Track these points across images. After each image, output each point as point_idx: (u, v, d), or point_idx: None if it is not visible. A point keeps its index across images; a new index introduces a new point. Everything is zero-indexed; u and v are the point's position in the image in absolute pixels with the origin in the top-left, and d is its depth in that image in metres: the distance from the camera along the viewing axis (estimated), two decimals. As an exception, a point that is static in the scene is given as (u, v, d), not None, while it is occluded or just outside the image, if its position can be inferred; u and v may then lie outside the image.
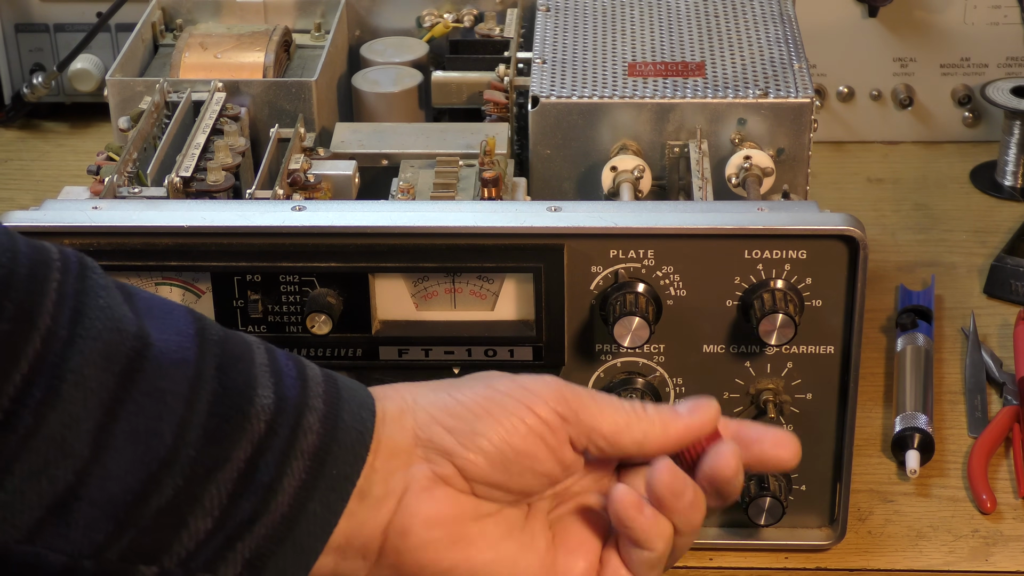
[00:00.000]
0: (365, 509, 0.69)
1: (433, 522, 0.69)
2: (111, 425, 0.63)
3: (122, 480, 0.63)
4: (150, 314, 0.66)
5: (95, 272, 0.65)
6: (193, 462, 0.64)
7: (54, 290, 0.63)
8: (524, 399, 0.70)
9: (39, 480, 0.61)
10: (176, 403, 0.64)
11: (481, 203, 0.90)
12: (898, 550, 0.91)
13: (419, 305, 0.85)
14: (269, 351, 0.68)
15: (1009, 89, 1.26)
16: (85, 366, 0.62)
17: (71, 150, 1.33)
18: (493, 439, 0.70)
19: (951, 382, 1.05)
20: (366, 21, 1.17)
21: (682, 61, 1.01)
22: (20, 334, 0.61)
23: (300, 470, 0.66)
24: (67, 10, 1.32)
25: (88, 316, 0.63)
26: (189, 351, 0.65)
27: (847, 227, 0.82)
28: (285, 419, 0.66)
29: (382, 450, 0.69)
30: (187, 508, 0.64)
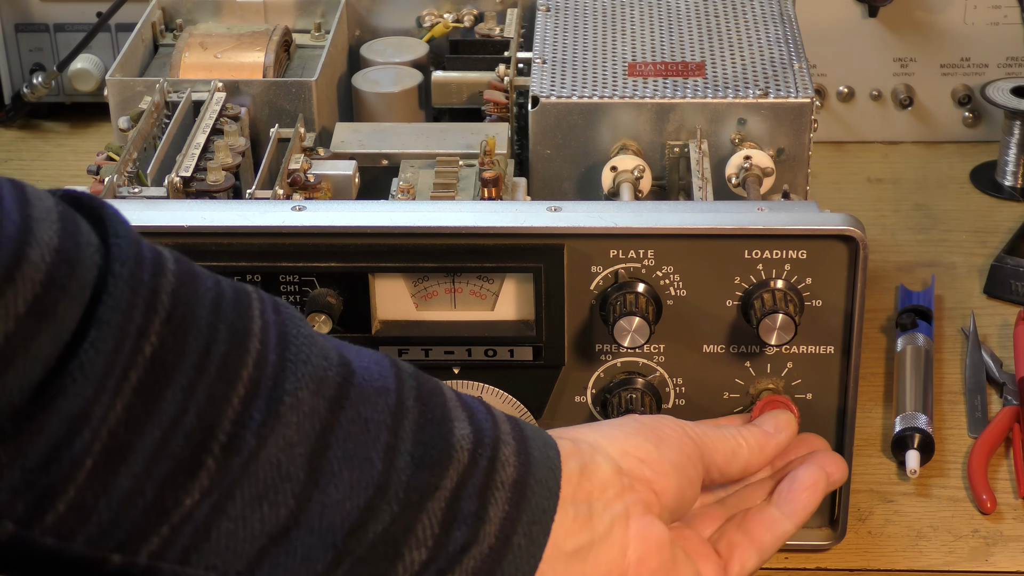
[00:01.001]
0: (599, 542, 0.69)
1: (662, 545, 0.72)
2: (325, 451, 0.62)
3: (341, 506, 0.62)
4: (344, 346, 0.66)
5: (287, 307, 0.65)
6: (407, 489, 0.63)
7: (258, 316, 0.63)
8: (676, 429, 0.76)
9: (261, 506, 0.61)
10: (381, 431, 0.64)
11: (481, 203, 0.90)
12: (898, 550, 0.91)
13: (419, 305, 0.85)
14: (454, 391, 0.69)
15: (1009, 89, 1.26)
16: (299, 390, 0.62)
17: (71, 150, 1.33)
18: (676, 460, 0.74)
19: (951, 382, 1.05)
20: (366, 21, 1.17)
21: (682, 61, 1.01)
22: (236, 356, 0.61)
23: (503, 501, 0.66)
24: (67, 10, 1.32)
25: (293, 343, 0.63)
26: (389, 380, 0.65)
27: (847, 227, 0.82)
28: (484, 450, 0.66)
29: (596, 482, 0.71)
30: (402, 537, 0.63)
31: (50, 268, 0.56)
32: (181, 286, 0.60)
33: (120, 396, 0.57)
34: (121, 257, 0.59)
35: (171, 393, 0.59)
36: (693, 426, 0.78)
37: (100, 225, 0.60)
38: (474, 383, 0.86)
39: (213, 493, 0.60)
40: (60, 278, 0.56)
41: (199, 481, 0.59)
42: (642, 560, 0.71)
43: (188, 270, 0.62)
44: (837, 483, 0.82)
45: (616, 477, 0.71)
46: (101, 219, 0.60)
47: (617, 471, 0.72)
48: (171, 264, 0.61)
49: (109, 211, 0.61)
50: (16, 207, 0.56)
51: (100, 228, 0.60)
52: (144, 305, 0.58)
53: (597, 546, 0.69)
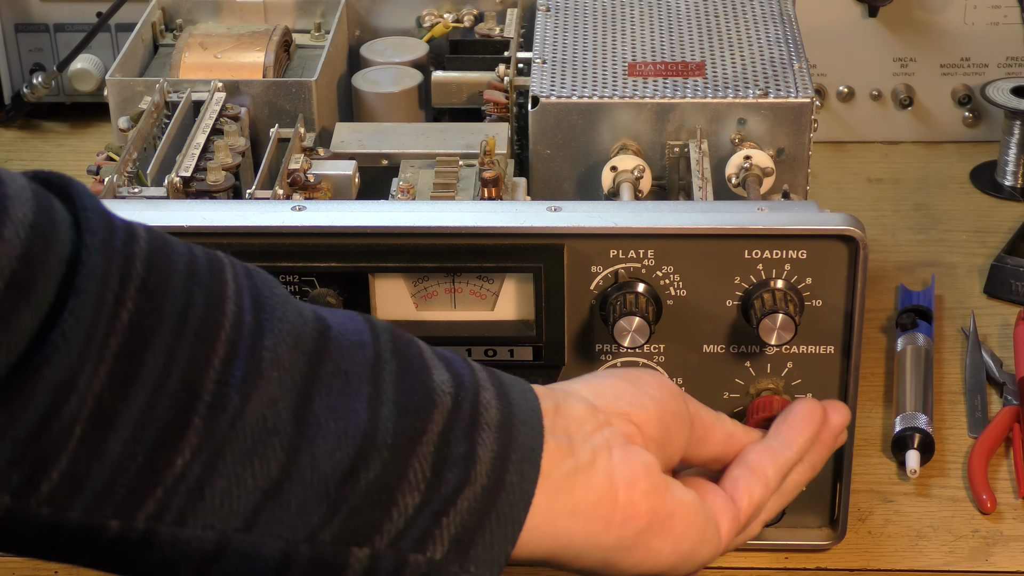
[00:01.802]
0: (583, 469, 0.70)
1: (650, 469, 0.72)
2: (309, 404, 0.63)
3: (331, 456, 0.63)
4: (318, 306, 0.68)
5: (258, 271, 0.66)
6: (394, 435, 0.64)
7: (232, 279, 0.64)
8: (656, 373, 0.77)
9: (252, 461, 0.62)
10: (362, 382, 0.65)
11: (481, 203, 0.90)
12: (898, 550, 0.91)
13: (419, 305, 0.85)
14: (429, 346, 0.70)
15: (1009, 89, 1.26)
16: (278, 346, 0.63)
17: (71, 150, 1.33)
18: (655, 395, 0.74)
19: (951, 382, 1.05)
20: (366, 21, 1.17)
21: (682, 61, 1.01)
22: (212, 318, 0.62)
23: (491, 441, 0.66)
24: (67, 10, 1.32)
25: (268, 303, 0.64)
26: (364, 334, 0.67)
27: (847, 227, 0.82)
28: (465, 395, 0.67)
29: (571, 418, 0.71)
30: (395, 483, 0.64)
31: (26, 244, 0.57)
32: (154, 252, 0.61)
33: (102, 363, 0.58)
34: (92, 228, 0.60)
35: (151, 357, 0.60)
36: None
37: (70, 202, 0.62)
38: (474, 383, 0.86)
39: (203, 452, 0.61)
40: (37, 253, 0.57)
41: (188, 441, 0.60)
42: (631, 483, 0.71)
43: (160, 237, 0.63)
44: (837, 426, 0.81)
45: (591, 413, 0.72)
46: (70, 196, 0.62)
47: (591, 408, 0.72)
48: (143, 232, 0.62)
49: (78, 187, 0.62)
50: None
51: (70, 205, 0.61)
52: (119, 272, 0.60)
53: (583, 473, 0.70)
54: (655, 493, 0.71)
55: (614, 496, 0.70)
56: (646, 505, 0.71)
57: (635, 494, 0.71)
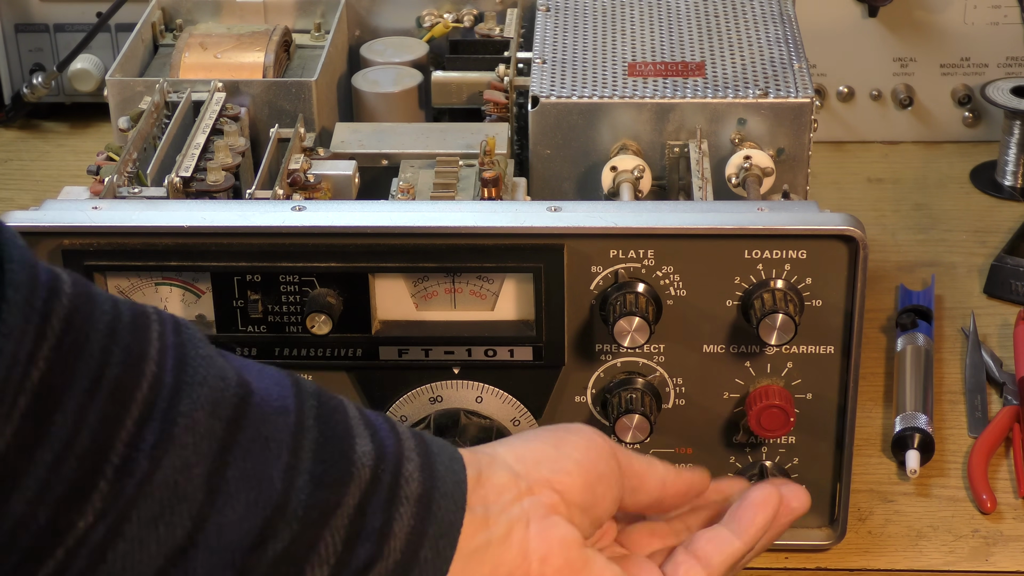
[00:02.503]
0: (496, 543, 0.69)
1: (567, 544, 0.71)
2: (223, 470, 0.62)
3: (238, 526, 0.62)
4: (246, 367, 0.66)
5: (189, 327, 0.65)
6: (306, 507, 0.64)
7: (156, 338, 0.63)
8: (584, 431, 0.75)
9: (157, 527, 0.61)
10: (281, 450, 0.64)
11: (481, 203, 0.90)
12: (898, 550, 0.91)
13: (419, 305, 0.85)
14: (358, 408, 0.69)
15: (1009, 89, 1.26)
16: (195, 411, 0.62)
17: (71, 150, 1.33)
18: (580, 460, 0.73)
19: (951, 382, 1.05)
20: (366, 21, 1.17)
21: (682, 61, 1.01)
22: (130, 379, 0.61)
23: (408, 516, 0.66)
24: (67, 10, 1.32)
25: (191, 364, 0.63)
26: (289, 400, 0.66)
27: (847, 227, 0.82)
28: (386, 466, 0.66)
29: (491, 487, 0.70)
30: (303, 555, 0.64)
31: None
32: (75, 311, 0.60)
33: (9, 423, 0.58)
34: (15, 283, 0.59)
35: (60, 417, 0.59)
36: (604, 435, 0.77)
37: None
38: (474, 383, 0.86)
39: (108, 515, 0.60)
40: None
41: (92, 503, 0.60)
42: (545, 559, 0.70)
43: (84, 292, 0.61)
44: (795, 511, 0.79)
45: (512, 481, 0.71)
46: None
47: (513, 476, 0.71)
48: (67, 288, 0.61)
49: (6, 233, 0.60)
50: None
51: None
52: (34, 331, 0.58)
53: (496, 547, 0.69)
54: (569, 570, 0.71)
55: (526, 570, 0.70)
56: None
57: (547, 569, 0.70)
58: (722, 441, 0.88)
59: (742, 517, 0.77)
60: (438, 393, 0.87)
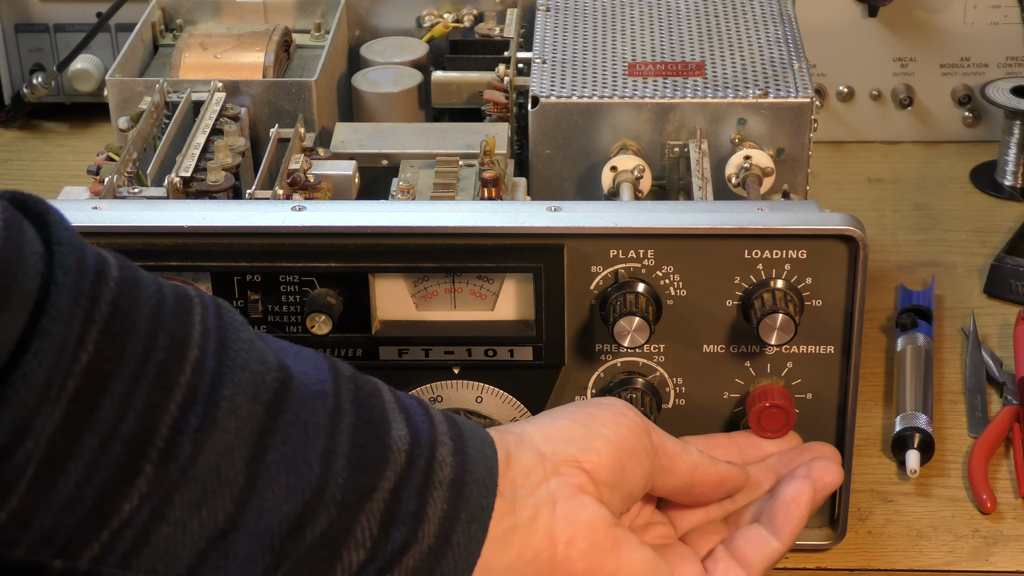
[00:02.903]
0: (523, 527, 0.69)
1: (593, 526, 0.71)
2: (263, 454, 0.63)
3: (278, 510, 0.63)
4: (284, 350, 0.67)
5: (229, 310, 0.66)
6: (344, 491, 0.64)
7: (199, 322, 0.63)
8: (615, 405, 0.76)
9: (200, 510, 0.61)
10: (319, 434, 0.65)
11: (481, 203, 0.90)
12: (898, 550, 0.91)
13: (419, 305, 0.85)
14: (392, 391, 0.70)
15: (1009, 89, 1.26)
16: (236, 395, 0.62)
17: (71, 150, 1.33)
18: (608, 436, 0.74)
19: (951, 382, 1.05)
20: (366, 21, 1.17)
21: (682, 61, 1.01)
22: (174, 363, 0.61)
23: (441, 500, 0.66)
24: (67, 10, 1.32)
25: (232, 348, 0.63)
26: (327, 384, 0.66)
27: (847, 227, 0.82)
28: (421, 451, 0.67)
29: (518, 470, 0.71)
30: (340, 539, 0.64)
31: None
32: (121, 295, 0.61)
33: (58, 405, 0.58)
34: (64, 266, 0.59)
35: (108, 401, 0.59)
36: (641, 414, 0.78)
37: (44, 230, 0.61)
38: (474, 383, 0.86)
39: (152, 498, 0.60)
40: (2, 289, 0.57)
41: (138, 487, 0.60)
42: (571, 542, 0.71)
43: (130, 276, 0.62)
44: (829, 487, 0.81)
45: (539, 463, 0.72)
46: (46, 224, 0.61)
47: (540, 457, 0.72)
48: (114, 271, 0.61)
49: (54, 216, 0.61)
50: None
51: (45, 233, 0.61)
52: (83, 315, 0.59)
53: (522, 530, 0.70)
54: (596, 553, 0.71)
55: (552, 554, 0.70)
56: (583, 564, 0.71)
57: (573, 552, 0.71)
58: (722, 441, 0.88)
59: (777, 516, 0.78)
60: (438, 393, 0.87)
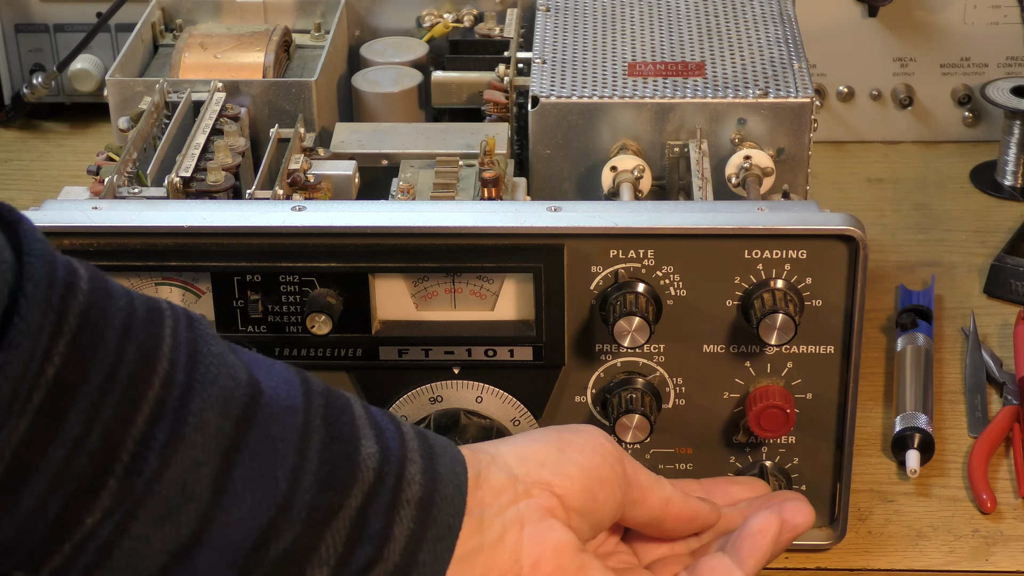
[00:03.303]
0: (488, 547, 0.69)
1: (560, 549, 0.71)
2: (230, 470, 0.62)
3: (243, 525, 0.63)
4: (255, 364, 0.67)
5: (202, 323, 0.65)
6: (310, 508, 0.64)
7: (169, 335, 0.63)
8: (592, 433, 0.76)
9: (163, 525, 0.61)
10: (288, 450, 0.64)
11: (481, 203, 0.90)
12: (898, 550, 0.91)
13: (419, 305, 0.85)
14: (365, 407, 0.69)
15: (1009, 89, 1.26)
16: (204, 410, 0.62)
17: (71, 150, 1.33)
18: (582, 463, 0.74)
19: (951, 382, 1.05)
20: (366, 21, 1.17)
21: (682, 61, 1.01)
22: (142, 377, 0.61)
23: (408, 519, 0.66)
24: (67, 10, 1.32)
25: (202, 362, 0.63)
26: (297, 399, 0.66)
27: (847, 227, 0.82)
28: (390, 469, 0.67)
29: (488, 489, 0.71)
30: (304, 556, 0.64)
31: None
32: (91, 307, 0.60)
33: (23, 417, 0.58)
34: (34, 277, 0.59)
35: (74, 414, 0.59)
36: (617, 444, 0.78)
37: (15, 238, 0.60)
38: (474, 383, 0.86)
39: (115, 513, 0.60)
40: None
41: (101, 501, 0.60)
42: (536, 564, 0.71)
43: (101, 288, 0.62)
44: (798, 528, 0.80)
45: (510, 484, 0.72)
46: (16, 233, 0.60)
47: (512, 478, 0.72)
48: (83, 283, 0.61)
49: (25, 225, 0.61)
50: None
51: (15, 241, 0.60)
52: (51, 327, 0.59)
53: (488, 550, 0.69)
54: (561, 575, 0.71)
55: (517, 574, 0.70)
56: None
57: (538, 574, 0.71)
58: (722, 441, 0.88)
59: (742, 547, 0.77)
60: (438, 393, 0.87)
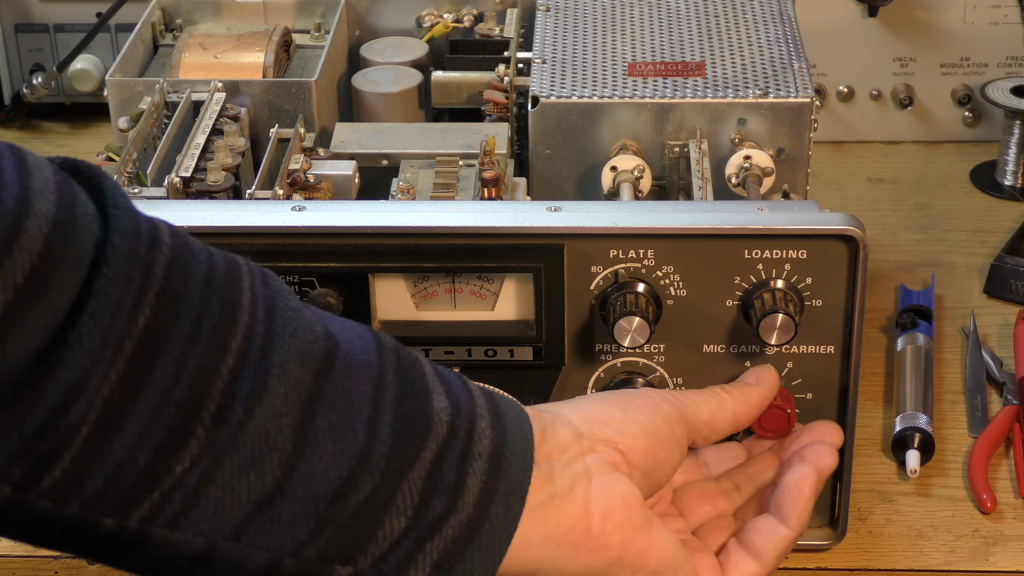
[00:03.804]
0: (560, 497, 0.70)
1: (629, 501, 0.72)
2: (311, 421, 0.63)
3: (324, 476, 0.63)
4: (330, 320, 0.68)
5: (275, 279, 0.66)
6: (387, 459, 0.65)
7: (248, 288, 0.64)
8: (651, 396, 0.78)
9: (248, 474, 0.62)
10: (364, 403, 0.65)
11: (481, 203, 0.90)
12: (898, 550, 0.91)
13: (419, 305, 0.85)
14: (433, 364, 0.70)
15: (1009, 89, 1.26)
16: (286, 362, 0.63)
17: (71, 150, 1.33)
18: (644, 423, 0.75)
19: (951, 382, 1.05)
20: (366, 21, 1.17)
21: (682, 61, 1.01)
22: (226, 329, 0.62)
23: (481, 471, 0.67)
24: (67, 10, 1.32)
25: (280, 315, 0.64)
26: (371, 354, 0.67)
27: (847, 227, 0.82)
28: (461, 423, 0.67)
29: (554, 444, 0.72)
30: (383, 506, 0.65)
31: (47, 239, 0.57)
32: (175, 259, 0.62)
33: (114, 367, 0.59)
34: (120, 229, 0.60)
35: (163, 364, 0.60)
36: (672, 392, 0.80)
37: (98, 194, 0.62)
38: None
39: (203, 461, 0.61)
40: (57, 249, 0.58)
41: (189, 450, 0.61)
42: (606, 514, 0.71)
43: (183, 243, 0.63)
44: (830, 468, 0.82)
45: (575, 440, 0.73)
46: (100, 188, 0.62)
47: (577, 435, 0.73)
48: (167, 237, 0.62)
49: (108, 181, 0.62)
50: (15, 178, 0.58)
51: (98, 197, 0.61)
52: (140, 278, 0.60)
53: (560, 501, 0.70)
54: (630, 526, 0.72)
55: (587, 525, 0.71)
56: (618, 536, 0.71)
57: (608, 524, 0.71)
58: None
59: (783, 503, 0.79)
60: (438, 393, 0.87)
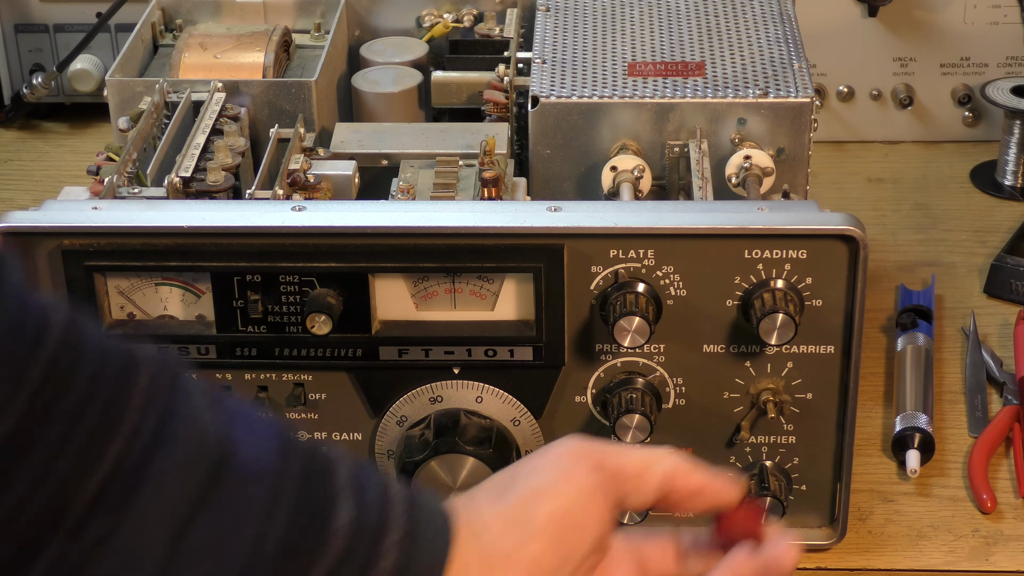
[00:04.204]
0: None
1: None
2: (186, 535, 0.60)
3: None
4: (236, 422, 0.64)
5: (186, 378, 0.63)
6: None
7: (144, 389, 0.60)
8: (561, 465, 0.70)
9: None
10: (253, 517, 0.62)
11: (481, 203, 0.90)
12: (898, 550, 0.91)
13: (419, 305, 0.85)
14: (356, 465, 0.66)
15: (1009, 89, 1.26)
16: (167, 471, 0.60)
17: (71, 150, 1.33)
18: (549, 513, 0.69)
19: (951, 382, 1.05)
20: (366, 21, 1.17)
21: (682, 61, 1.01)
22: (103, 433, 0.59)
23: None
24: (67, 10, 1.32)
25: (174, 419, 0.61)
26: (271, 463, 0.63)
27: (847, 227, 0.82)
28: (364, 538, 0.64)
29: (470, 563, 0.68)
30: None
31: None
32: (58, 359, 0.58)
33: None
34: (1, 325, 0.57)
35: (23, 472, 0.57)
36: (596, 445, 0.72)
37: None
38: (474, 383, 0.86)
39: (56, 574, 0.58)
40: None
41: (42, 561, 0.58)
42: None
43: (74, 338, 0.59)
44: None
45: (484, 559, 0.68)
46: None
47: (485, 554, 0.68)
48: (56, 332, 0.58)
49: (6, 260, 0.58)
50: None
51: None
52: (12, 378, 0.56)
53: None
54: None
55: None
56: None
57: None
58: (722, 441, 0.88)
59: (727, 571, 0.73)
60: (438, 393, 0.87)
